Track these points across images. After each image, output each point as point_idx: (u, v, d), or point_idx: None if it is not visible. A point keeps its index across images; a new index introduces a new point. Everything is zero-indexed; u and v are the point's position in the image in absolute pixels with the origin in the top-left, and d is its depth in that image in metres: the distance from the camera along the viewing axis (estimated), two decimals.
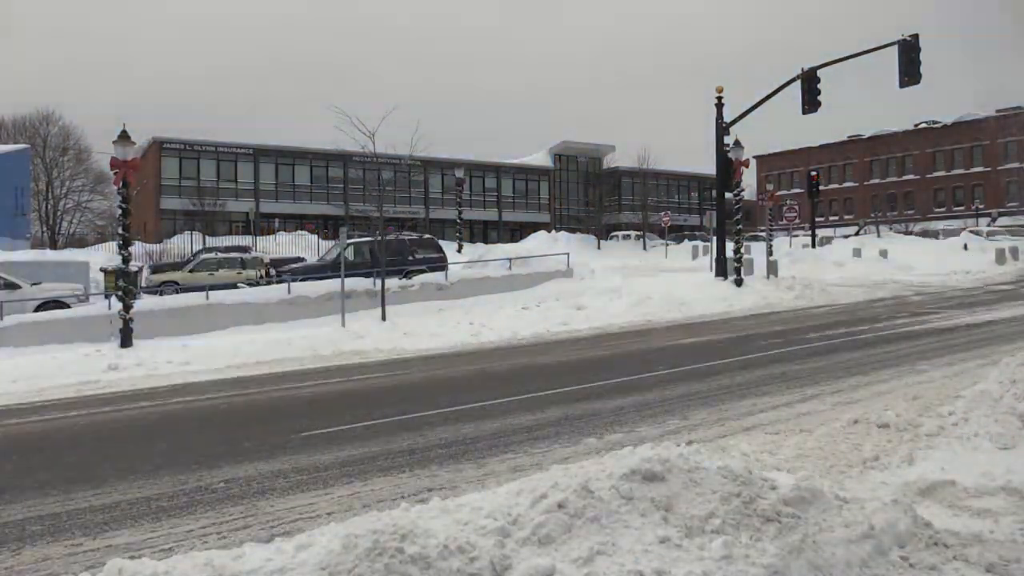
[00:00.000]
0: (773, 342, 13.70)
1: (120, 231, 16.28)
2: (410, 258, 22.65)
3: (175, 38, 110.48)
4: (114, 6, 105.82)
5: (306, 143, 51.28)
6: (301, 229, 44.15)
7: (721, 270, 22.96)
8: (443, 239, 33.31)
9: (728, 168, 22.77)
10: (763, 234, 38.29)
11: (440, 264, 23.09)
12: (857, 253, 32.97)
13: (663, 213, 51.18)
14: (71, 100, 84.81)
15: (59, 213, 56.35)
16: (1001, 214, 58.90)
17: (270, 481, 6.46)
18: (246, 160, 51.50)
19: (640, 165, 55.93)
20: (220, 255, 27.85)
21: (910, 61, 20.20)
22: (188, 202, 45.40)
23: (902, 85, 20.44)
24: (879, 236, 44.65)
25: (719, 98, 23.08)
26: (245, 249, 32.66)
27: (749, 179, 54.48)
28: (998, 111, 63.20)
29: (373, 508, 5.29)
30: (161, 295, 21.89)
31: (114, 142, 15.30)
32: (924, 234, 47.34)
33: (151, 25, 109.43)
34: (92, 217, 58.96)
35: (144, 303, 17.70)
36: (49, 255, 31.71)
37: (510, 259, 25.38)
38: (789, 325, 16.30)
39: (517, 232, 57.56)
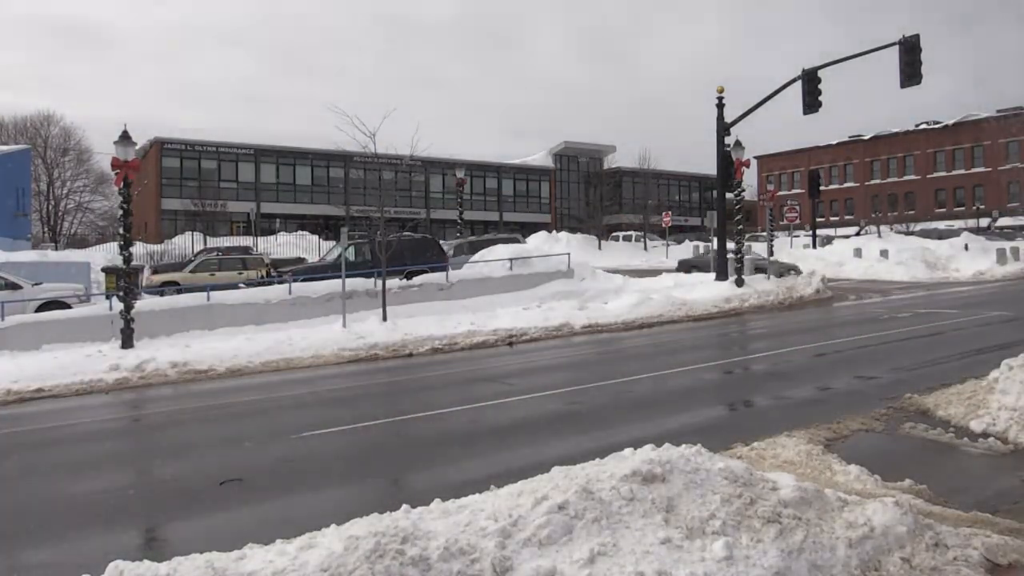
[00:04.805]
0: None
1: (121, 231, 16.26)
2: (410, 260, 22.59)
3: None
4: None
5: (306, 143, 51.18)
6: (302, 229, 44.11)
7: (722, 270, 22.91)
8: (444, 239, 33.24)
9: (729, 168, 22.73)
10: (764, 234, 38.20)
11: (441, 264, 23.05)
12: (858, 253, 32.92)
13: (664, 213, 51.12)
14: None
15: (60, 213, 56.38)
16: (1002, 214, 58.76)
17: None
18: (247, 160, 51.48)
19: (641, 165, 55.89)
20: (221, 256, 27.83)
21: (911, 61, 20.18)
22: (189, 202, 45.38)
23: (903, 85, 20.41)
24: (880, 236, 44.49)
25: (720, 98, 23.05)
26: (246, 250, 32.71)
27: (750, 179, 54.60)
28: (998, 111, 63.07)
29: None
30: (163, 296, 21.85)
31: (115, 142, 15.28)
32: (925, 234, 47.14)
33: None
34: (93, 217, 59.05)
35: (145, 303, 17.64)
36: (50, 255, 31.68)
37: (511, 259, 25.29)
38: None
39: (518, 232, 57.43)
